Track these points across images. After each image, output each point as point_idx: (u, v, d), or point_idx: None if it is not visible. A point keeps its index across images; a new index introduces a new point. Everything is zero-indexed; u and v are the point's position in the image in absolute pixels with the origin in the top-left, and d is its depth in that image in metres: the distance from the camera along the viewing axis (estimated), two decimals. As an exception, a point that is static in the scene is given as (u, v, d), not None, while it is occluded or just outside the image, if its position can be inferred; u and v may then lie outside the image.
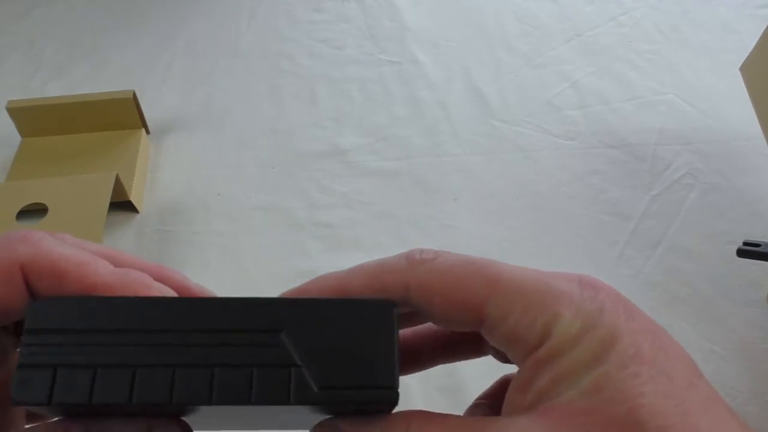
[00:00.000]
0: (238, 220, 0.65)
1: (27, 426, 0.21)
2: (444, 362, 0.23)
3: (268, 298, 0.19)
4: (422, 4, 0.91)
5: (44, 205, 0.59)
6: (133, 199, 0.64)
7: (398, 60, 0.82)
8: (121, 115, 0.70)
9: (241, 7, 0.92)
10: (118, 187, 0.61)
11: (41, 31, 0.89)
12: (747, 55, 0.62)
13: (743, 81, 0.62)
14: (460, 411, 0.28)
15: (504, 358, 0.21)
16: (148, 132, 0.73)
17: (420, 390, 0.50)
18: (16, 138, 0.71)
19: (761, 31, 0.59)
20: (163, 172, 0.70)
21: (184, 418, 0.20)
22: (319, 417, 0.21)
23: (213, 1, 0.94)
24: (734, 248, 0.51)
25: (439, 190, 0.67)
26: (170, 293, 0.20)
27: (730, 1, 0.89)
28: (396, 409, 0.19)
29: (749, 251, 0.50)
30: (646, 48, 0.82)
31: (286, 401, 0.17)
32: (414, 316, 0.20)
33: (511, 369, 0.22)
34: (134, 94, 0.70)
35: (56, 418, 0.19)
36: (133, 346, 0.17)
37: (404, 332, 0.23)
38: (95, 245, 0.21)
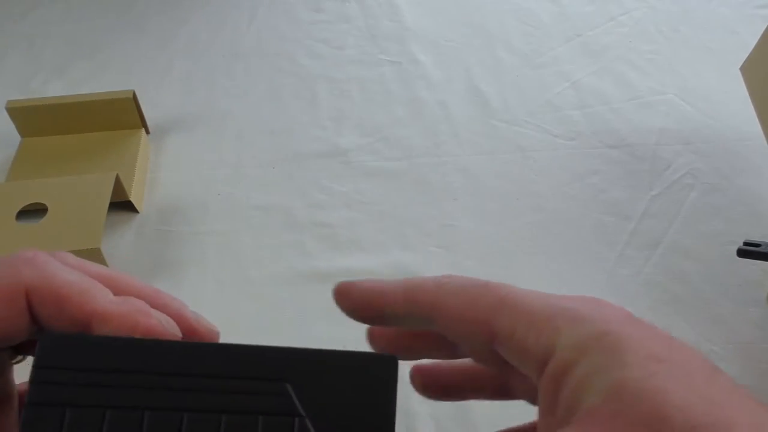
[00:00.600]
0: (238, 220, 0.65)
1: None
2: (474, 398, 0.24)
3: (275, 347, 0.19)
4: (422, 4, 0.91)
5: (44, 205, 0.59)
6: (133, 199, 0.64)
7: (398, 60, 0.82)
8: (121, 115, 0.70)
9: (242, 8, 0.92)
10: (118, 187, 0.61)
11: (41, 31, 0.89)
12: (747, 55, 0.62)
13: (743, 81, 0.62)
14: (459, 411, 0.27)
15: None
16: (148, 132, 0.73)
17: (420, 390, 0.50)
18: (16, 138, 0.71)
19: (761, 31, 0.59)
20: (163, 172, 0.70)
21: None
22: None
23: (213, 2, 0.94)
24: (734, 248, 0.51)
25: (439, 190, 0.67)
26: (169, 322, 0.20)
27: (730, 1, 0.89)
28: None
29: (749, 251, 0.50)
30: (646, 48, 0.82)
31: None
32: (441, 339, 0.21)
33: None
34: (134, 94, 0.70)
35: None
36: (143, 389, 0.18)
37: (441, 363, 0.24)
38: (96, 267, 0.21)
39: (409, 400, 0.49)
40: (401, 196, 0.66)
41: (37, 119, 0.70)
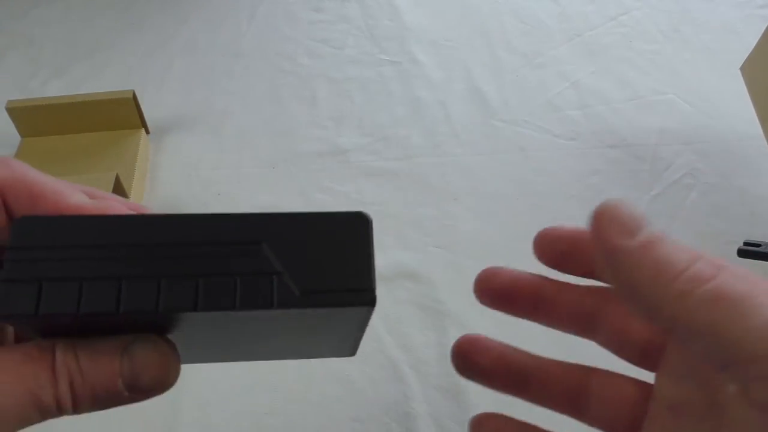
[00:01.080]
0: (238, 220, 0.65)
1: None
2: (542, 320, 0.24)
3: (248, 213, 0.19)
4: (422, 4, 0.91)
5: (44, 205, 0.59)
6: (132, 198, 0.64)
7: (398, 60, 0.82)
8: (121, 115, 0.70)
9: (241, 7, 0.92)
10: (118, 187, 0.61)
11: (41, 31, 0.89)
12: (747, 55, 0.62)
13: (743, 81, 0.62)
14: (459, 411, 0.27)
15: None
16: (147, 132, 0.73)
17: (420, 390, 0.50)
18: (16, 138, 0.71)
19: (761, 31, 0.59)
20: (162, 172, 0.70)
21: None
22: (300, 340, 0.23)
23: (213, 1, 0.94)
24: (734, 248, 0.51)
25: (439, 190, 0.67)
26: None
27: (730, 1, 0.89)
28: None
29: (749, 251, 0.50)
30: (646, 48, 0.82)
31: (269, 306, 0.18)
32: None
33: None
34: (134, 94, 0.70)
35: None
36: (119, 260, 0.18)
37: (523, 274, 0.24)
38: (79, 185, 0.21)
39: (408, 400, 0.49)
40: (401, 196, 0.66)
41: (37, 119, 0.70)
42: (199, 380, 0.51)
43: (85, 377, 0.19)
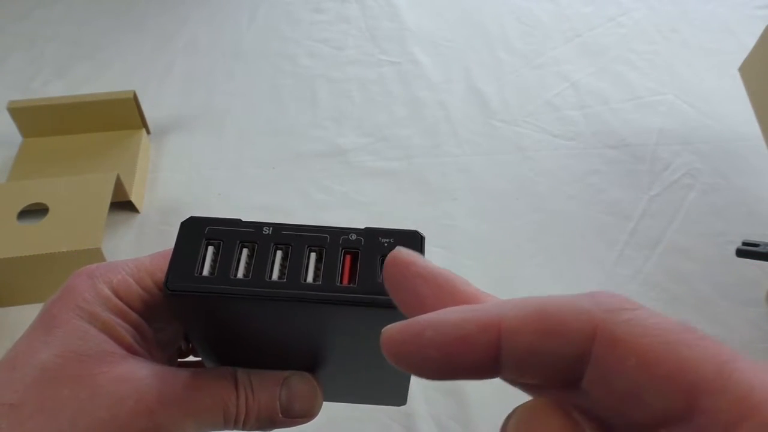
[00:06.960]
0: (239, 220, 0.65)
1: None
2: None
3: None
4: (422, 5, 0.91)
5: (45, 205, 0.59)
6: (133, 199, 0.64)
7: (398, 60, 0.83)
8: (122, 116, 0.70)
9: (242, 8, 0.93)
10: (119, 187, 0.62)
11: (42, 31, 0.89)
12: (746, 55, 0.62)
13: (742, 81, 0.62)
14: (459, 411, 0.27)
15: None
16: (148, 132, 0.73)
17: (420, 390, 0.50)
18: (18, 138, 0.71)
19: (760, 31, 0.59)
20: (163, 172, 0.70)
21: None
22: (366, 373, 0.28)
23: (214, 2, 0.94)
24: (733, 248, 0.51)
25: (439, 190, 0.67)
26: None
27: (729, 1, 0.89)
28: None
29: (748, 251, 0.50)
30: (645, 48, 0.83)
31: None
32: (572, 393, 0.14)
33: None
34: (135, 95, 0.70)
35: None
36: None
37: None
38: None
39: (408, 400, 0.50)
40: (401, 196, 0.66)
41: (38, 119, 0.70)
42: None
43: (255, 396, 0.24)
